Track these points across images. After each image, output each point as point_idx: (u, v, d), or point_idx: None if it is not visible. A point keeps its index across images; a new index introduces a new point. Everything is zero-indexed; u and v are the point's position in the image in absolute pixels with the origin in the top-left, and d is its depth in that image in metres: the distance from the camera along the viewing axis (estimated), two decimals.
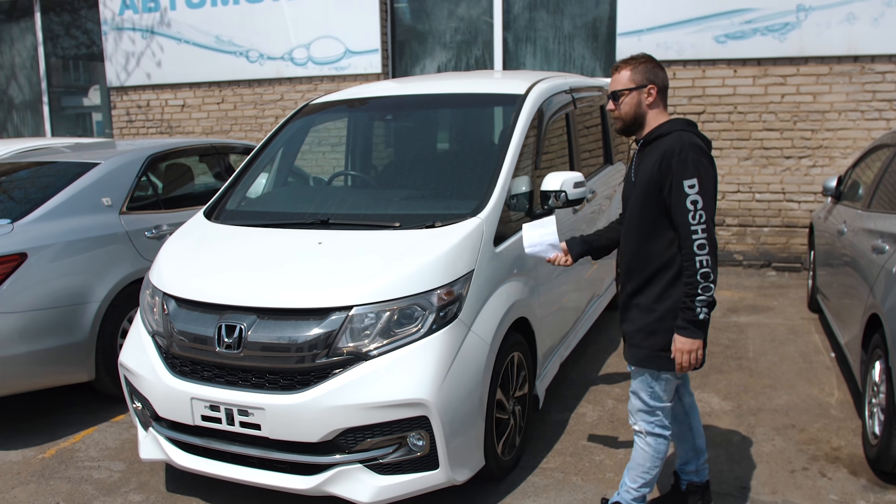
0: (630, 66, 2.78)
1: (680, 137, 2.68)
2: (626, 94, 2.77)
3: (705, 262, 2.60)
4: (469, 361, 3.09)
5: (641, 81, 2.75)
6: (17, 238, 4.07)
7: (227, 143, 5.92)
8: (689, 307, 2.64)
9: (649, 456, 2.92)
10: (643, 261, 2.79)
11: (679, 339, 2.68)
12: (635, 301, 2.83)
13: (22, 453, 4.01)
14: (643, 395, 2.87)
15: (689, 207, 2.60)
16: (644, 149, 2.81)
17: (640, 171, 2.79)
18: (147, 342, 3.38)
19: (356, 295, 2.99)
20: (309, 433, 2.93)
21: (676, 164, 2.62)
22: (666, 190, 2.67)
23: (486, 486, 3.43)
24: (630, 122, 2.81)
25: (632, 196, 2.85)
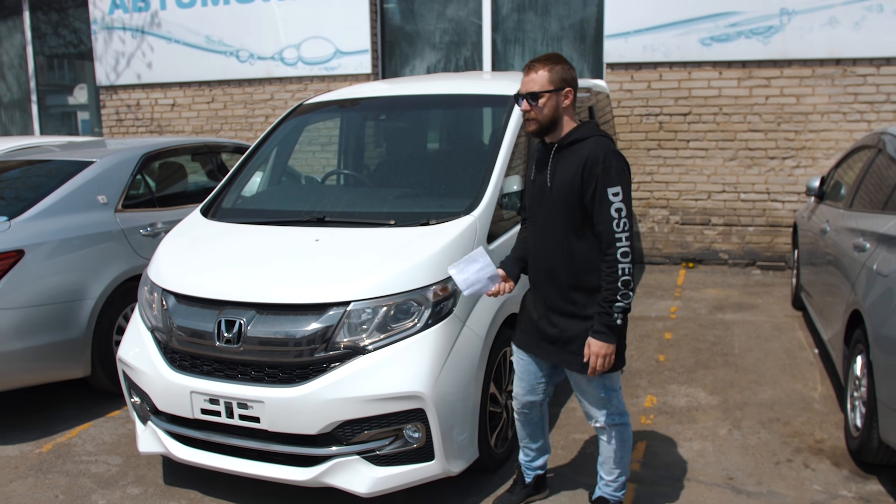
0: (547, 66, 2.73)
1: (599, 144, 2.70)
2: (545, 97, 2.72)
3: (627, 269, 2.64)
4: (464, 355, 3.17)
5: (559, 83, 2.73)
6: (15, 235, 4.11)
7: (219, 141, 5.96)
8: (607, 312, 2.66)
9: (617, 447, 2.99)
10: (567, 265, 2.77)
11: (594, 342, 2.70)
12: (562, 307, 2.82)
13: (19, 448, 4.04)
14: (597, 392, 2.89)
15: (613, 215, 2.63)
16: (559, 153, 2.79)
17: (557, 176, 2.76)
18: (146, 337, 3.43)
19: (354, 290, 3.06)
20: (308, 425, 2.99)
21: (601, 171, 2.64)
22: (588, 196, 2.67)
23: (480, 477, 3.51)
24: (546, 124, 2.76)
25: (547, 200, 2.80)
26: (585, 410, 3.00)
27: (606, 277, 2.67)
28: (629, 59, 7.74)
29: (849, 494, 3.37)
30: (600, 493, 3.10)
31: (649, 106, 7.80)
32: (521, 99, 2.78)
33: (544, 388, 3.08)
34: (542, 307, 2.89)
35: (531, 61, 2.78)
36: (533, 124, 2.78)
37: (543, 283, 2.88)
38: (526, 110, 2.77)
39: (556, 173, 2.78)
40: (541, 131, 2.79)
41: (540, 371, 3.03)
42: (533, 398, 3.09)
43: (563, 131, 2.80)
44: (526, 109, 2.77)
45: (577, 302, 2.79)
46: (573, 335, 2.80)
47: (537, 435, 3.21)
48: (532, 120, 2.77)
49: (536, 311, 2.92)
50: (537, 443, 3.22)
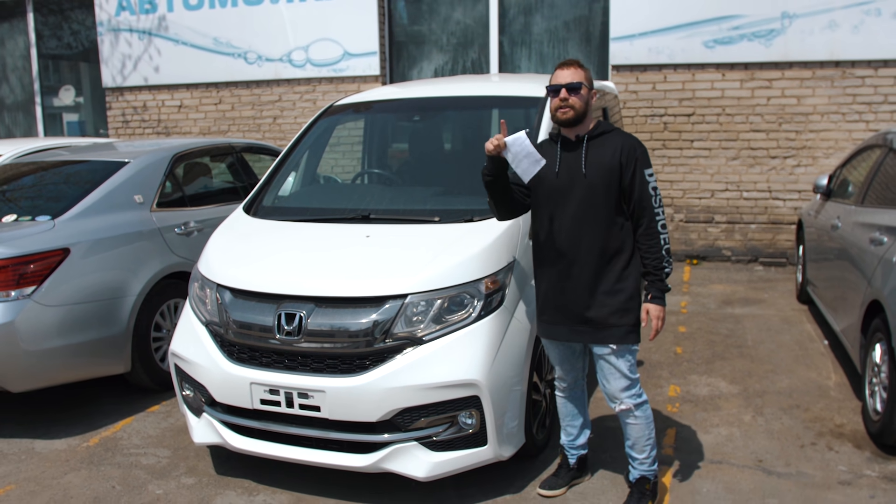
0: (582, 68, 3.08)
1: (626, 134, 3.10)
2: (584, 90, 3.02)
3: (667, 238, 3.03)
4: (513, 345, 3.32)
5: (591, 84, 3.08)
6: (59, 234, 4.20)
7: (243, 142, 6.07)
8: (660, 278, 3.02)
9: (644, 425, 3.19)
10: (599, 248, 3.02)
11: (654, 307, 3.05)
12: (597, 288, 3.03)
13: (66, 442, 4.14)
14: (624, 370, 3.10)
15: (651, 193, 3.01)
16: (589, 143, 3.05)
17: (591, 163, 3.02)
18: (201, 331, 3.55)
19: (410, 284, 3.20)
20: (368, 413, 3.13)
21: (640, 155, 3.01)
22: (627, 178, 2.99)
23: (524, 463, 3.66)
24: (581, 115, 3.03)
25: (581, 186, 3.01)
26: (609, 394, 3.18)
27: (650, 249, 3.00)
28: (634, 62, 7.94)
29: (872, 474, 3.56)
30: (639, 474, 3.26)
31: (654, 107, 8.00)
32: (559, 89, 3.00)
33: (583, 364, 3.32)
34: (574, 291, 3.07)
35: (568, 60, 3.10)
36: (570, 112, 3.02)
37: (578, 266, 3.05)
38: (564, 98, 3.00)
39: (590, 161, 3.02)
40: (575, 120, 3.03)
41: (575, 354, 3.27)
42: (574, 374, 3.32)
43: (588, 125, 3.09)
44: (564, 98, 3.01)
45: (610, 280, 3.03)
46: (608, 312, 3.03)
47: (580, 411, 3.40)
48: (570, 108, 3.01)
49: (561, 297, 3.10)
50: (580, 419, 3.40)
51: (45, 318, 4.03)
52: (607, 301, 3.04)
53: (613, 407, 3.20)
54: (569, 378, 3.33)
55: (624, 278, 3.04)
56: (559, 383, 3.36)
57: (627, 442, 3.24)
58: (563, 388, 3.36)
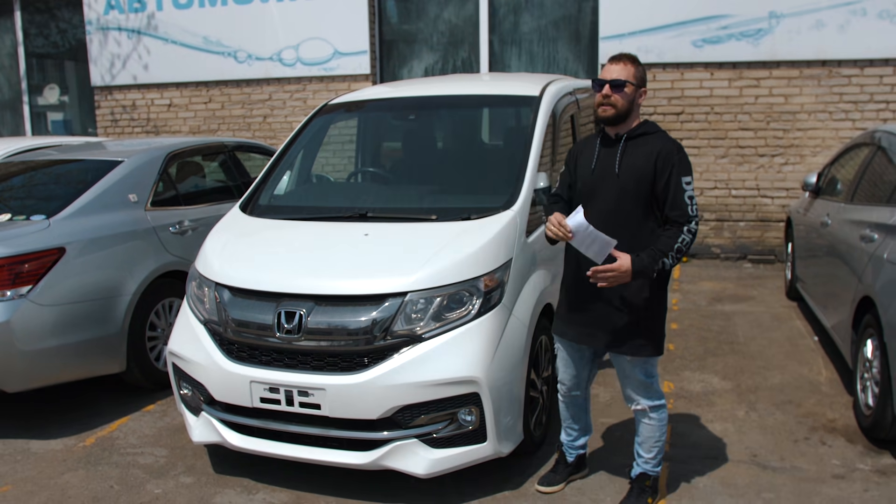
0: (634, 62, 2.98)
1: (668, 138, 2.98)
2: (629, 87, 2.93)
3: (686, 242, 2.89)
4: (512, 342, 3.34)
5: (641, 81, 2.99)
6: (54, 233, 4.18)
7: (236, 141, 6.06)
8: (654, 257, 2.84)
9: (655, 427, 3.20)
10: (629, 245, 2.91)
11: (626, 259, 2.81)
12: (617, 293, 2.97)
13: (62, 442, 4.12)
14: (640, 376, 3.11)
15: (687, 201, 2.90)
16: (627, 143, 2.99)
17: (625, 164, 2.96)
18: (199, 330, 3.55)
19: (410, 282, 3.21)
20: (369, 411, 3.14)
21: (678, 161, 2.90)
22: (661, 185, 2.90)
23: (522, 459, 3.68)
24: (622, 112, 2.95)
25: (612, 187, 2.98)
26: (627, 394, 3.20)
27: (667, 238, 2.87)
28: None
29: (865, 468, 3.62)
30: (640, 470, 3.29)
31: (643, 106, 8.04)
32: (602, 85, 2.94)
33: (589, 372, 3.28)
34: (594, 293, 3.04)
35: (619, 55, 3.01)
36: (610, 110, 2.95)
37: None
38: (606, 95, 2.93)
39: (624, 162, 2.97)
40: (614, 119, 2.97)
41: (584, 358, 3.24)
42: (578, 381, 3.29)
43: (631, 124, 3.01)
44: (607, 94, 2.93)
45: (636, 284, 2.97)
46: (630, 318, 3.00)
47: (580, 416, 3.40)
48: (610, 105, 2.94)
49: (586, 299, 3.09)
50: (580, 423, 3.42)
51: (40, 318, 4.01)
52: (627, 309, 2.99)
53: (630, 406, 3.22)
54: (569, 381, 3.31)
55: (647, 287, 2.97)
56: (560, 386, 3.37)
57: (637, 438, 3.26)
58: (564, 391, 3.36)
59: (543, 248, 3.90)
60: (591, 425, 3.49)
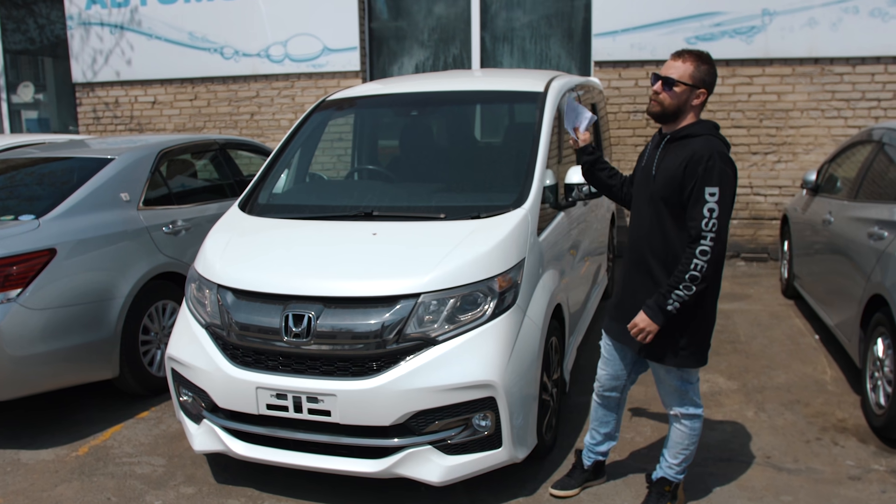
0: (695, 62, 2.79)
1: (709, 143, 2.76)
2: (680, 87, 2.78)
3: (700, 266, 2.70)
4: (526, 345, 3.25)
5: (697, 82, 2.80)
6: (44, 234, 4.02)
7: (228, 138, 5.91)
8: (664, 294, 2.77)
9: (686, 435, 3.11)
10: (662, 255, 2.85)
11: (641, 314, 2.82)
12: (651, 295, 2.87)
13: (54, 452, 3.96)
14: (674, 381, 3.02)
15: (704, 214, 2.69)
16: (669, 144, 2.88)
17: (661, 167, 2.86)
18: (201, 334, 3.41)
19: (423, 283, 3.11)
20: (382, 417, 3.03)
21: (703, 170, 2.70)
22: (687, 191, 2.75)
23: (534, 464, 3.59)
24: (669, 112, 2.82)
25: (649, 189, 2.90)
26: (661, 398, 3.12)
27: (680, 266, 2.77)
28: (617, 58, 7.93)
29: (880, 468, 3.57)
30: (662, 474, 3.21)
31: (637, 103, 8.01)
32: (657, 80, 2.84)
33: (627, 376, 3.20)
34: (633, 293, 2.98)
35: (683, 50, 2.87)
36: (656, 106, 2.85)
37: (637, 270, 2.97)
38: (656, 91, 2.83)
39: (661, 164, 2.88)
40: (661, 117, 2.86)
41: (625, 360, 3.16)
42: (616, 383, 3.21)
43: (679, 124, 2.87)
44: (657, 90, 2.83)
45: None
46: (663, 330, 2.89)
47: (610, 421, 3.32)
48: (657, 102, 2.84)
49: (627, 298, 3.02)
50: (607, 428, 3.33)
51: (31, 323, 3.85)
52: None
53: (666, 410, 3.14)
54: (606, 380, 3.21)
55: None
56: (596, 384, 3.29)
57: (667, 442, 3.18)
58: (598, 390, 3.27)
59: (552, 246, 3.83)
60: (618, 433, 3.39)
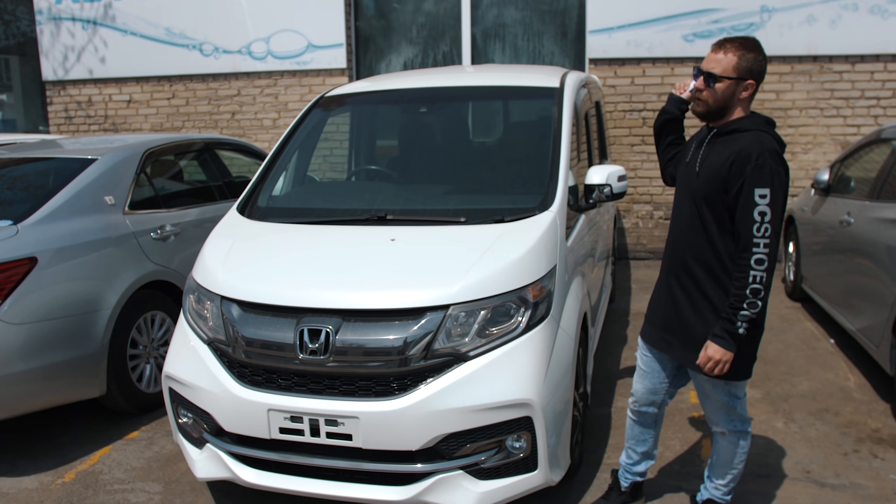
0: (739, 51, 2.53)
1: (758, 139, 2.51)
2: (724, 82, 2.54)
3: (759, 278, 2.46)
4: (561, 359, 3.01)
5: (744, 73, 2.54)
6: (24, 241, 3.68)
7: (217, 138, 5.58)
8: (730, 318, 2.52)
9: (735, 453, 2.90)
10: (706, 258, 2.63)
11: (712, 346, 2.56)
12: (694, 301, 2.67)
13: (37, 479, 3.62)
14: (721, 396, 2.79)
15: (755, 218, 2.45)
16: (715, 139, 2.65)
17: (706, 163, 2.62)
18: (202, 351, 3.11)
19: (451, 293, 2.84)
20: (409, 441, 2.76)
21: (752, 169, 2.45)
22: (733, 192, 2.51)
23: (563, 485, 3.35)
24: (715, 110, 2.60)
25: (692, 187, 2.67)
26: (707, 415, 2.89)
27: (735, 282, 2.52)
28: (613, 55, 7.74)
29: None
30: (708, 496, 2.99)
31: (633, 101, 7.83)
32: (698, 75, 2.61)
33: (666, 389, 2.96)
34: (673, 298, 2.75)
35: (727, 39, 2.60)
36: (701, 105, 2.62)
37: (679, 273, 2.73)
38: (699, 88, 2.60)
39: (706, 160, 2.63)
40: (707, 115, 2.64)
41: (664, 371, 2.91)
42: (653, 398, 2.97)
43: (728, 118, 2.63)
44: (699, 87, 2.60)
45: (711, 298, 2.64)
46: (700, 334, 2.66)
47: (647, 439, 3.08)
48: (702, 101, 2.61)
49: (666, 302, 2.79)
50: (644, 447, 3.09)
51: (10, 339, 3.51)
52: (700, 322, 2.65)
53: (711, 427, 2.91)
54: (643, 395, 2.97)
55: (724, 300, 2.60)
56: (631, 398, 3.04)
57: (712, 459, 2.96)
58: (634, 405, 3.03)
59: (576, 251, 3.59)
60: (655, 450, 3.15)
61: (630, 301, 6.53)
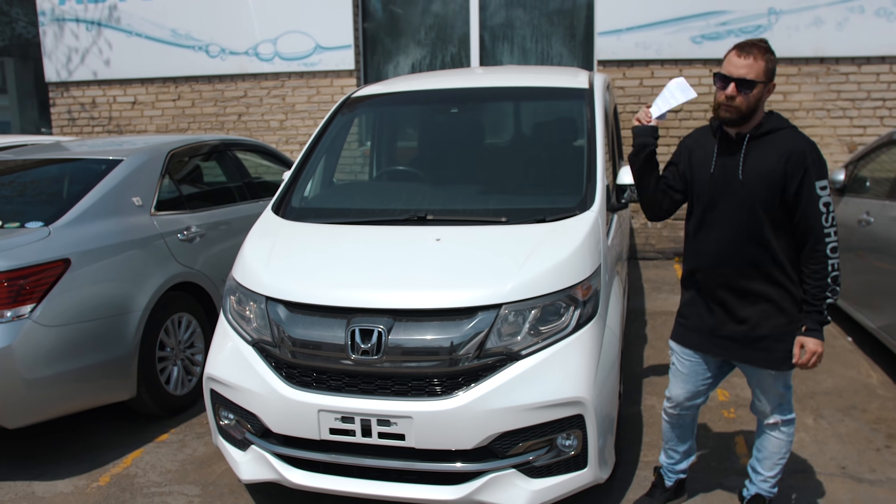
0: (766, 56, 2.58)
1: (799, 135, 2.62)
2: (758, 87, 2.56)
3: (837, 265, 2.59)
4: (608, 357, 3.02)
5: (771, 76, 2.61)
6: (57, 242, 3.64)
7: (236, 139, 5.55)
8: (819, 310, 2.62)
9: (784, 443, 2.94)
10: (754, 262, 2.66)
11: (811, 341, 2.64)
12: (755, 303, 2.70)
13: (72, 483, 3.58)
14: (780, 389, 2.84)
15: (822, 210, 2.56)
16: (750, 143, 2.66)
17: (751, 168, 2.64)
18: (248, 352, 3.09)
19: (503, 292, 2.85)
20: (464, 440, 2.76)
21: (812, 163, 2.55)
22: (792, 189, 2.57)
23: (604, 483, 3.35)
24: (746, 115, 2.61)
25: (736, 193, 2.66)
26: (760, 409, 2.92)
27: (814, 274, 2.59)
28: (621, 57, 7.78)
29: None
30: (756, 490, 3.02)
31: (641, 103, 7.86)
32: (727, 82, 2.59)
33: (707, 390, 2.98)
34: (724, 304, 2.76)
35: (749, 44, 2.61)
36: (733, 112, 2.60)
37: (730, 278, 2.73)
38: (731, 95, 2.58)
39: (749, 165, 2.64)
40: (737, 121, 2.63)
41: (708, 372, 2.92)
42: (694, 401, 2.99)
43: (754, 122, 2.66)
44: (731, 94, 2.57)
45: (772, 297, 2.67)
46: (765, 332, 2.70)
47: (686, 437, 3.10)
48: (734, 108, 2.58)
49: (714, 309, 2.79)
50: (684, 445, 3.11)
51: (46, 341, 3.48)
52: (763, 321, 2.69)
53: (762, 420, 2.94)
54: (681, 397, 2.98)
55: (790, 297, 2.67)
56: (667, 402, 3.06)
57: (758, 454, 2.98)
58: (673, 409, 3.04)
59: (613, 251, 3.61)
60: (695, 447, 3.18)
61: (644, 300, 6.56)
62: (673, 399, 3.02)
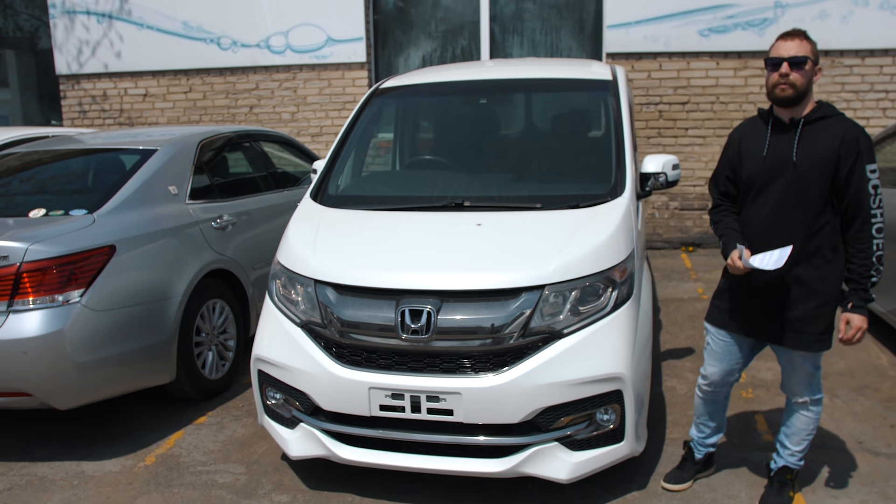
0: (807, 40, 2.78)
1: (851, 122, 2.80)
2: (809, 64, 2.73)
3: (882, 244, 2.76)
4: (643, 335, 3.17)
5: (817, 58, 2.80)
6: (102, 229, 3.75)
7: (261, 131, 5.65)
8: (864, 287, 2.78)
9: (812, 420, 3.08)
10: (809, 241, 2.79)
11: (857, 317, 2.79)
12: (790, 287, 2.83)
13: (119, 462, 3.70)
14: (810, 368, 2.98)
15: (870, 192, 2.73)
16: (804, 128, 2.80)
17: (805, 151, 2.78)
18: (297, 334, 3.21)
19: (546, 274, 2.98)
20: (510, 414, 2.90)
21: (864, 148, 2.72)
22: (844, 172, 2.72)
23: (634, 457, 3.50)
24: (802, 92, 2.75)
25: (790, 176, 2.79)
26: (789, 387, 3.06)
27: (859, 253, 2.75)
28: (630, 49, 7.92)
29: None
30: (784, 463, 3.16)
31: (649, 95, 8.01)
32: (779, 63, 2.74)
33: (741, 368, 3.12)
34: (766, 285, 2.89)
35: (793, 31, 2.79)
36: (790, 90, 2.75)
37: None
38: (785, 74, 2.73)
39: (803, 148, 2.79)
40: (795, 99, 2.77)
41: (741, 352, 3.07)
42: (728, 379, 3.13)
43: (806, 107, 2.82)
44: (785, 73, 2.73)
45: (810, 279, 2.82)
46: (802, 313, 2.84)
47: (718, 413, 3.25)
48: (790, 85, 2.74)
49: (755, 290, 2.93)
50: (716, 421, 3.26)
51: (94, 325, 3.59)
52: (801, 302, 2.84)
53: (791, 398, 3.08)
54: (717, 376, 3.12)
55: (825, 279, 2.82)
56: (702, 380, 3.20)
57: (786, 430, 3.12)
58: (708, 386, 3.18)
59: (641, 236, 3.75)
60: (725, 422, 3.33)
61: (655, 288, 6.70)
62: (708, 377, 3.16)
